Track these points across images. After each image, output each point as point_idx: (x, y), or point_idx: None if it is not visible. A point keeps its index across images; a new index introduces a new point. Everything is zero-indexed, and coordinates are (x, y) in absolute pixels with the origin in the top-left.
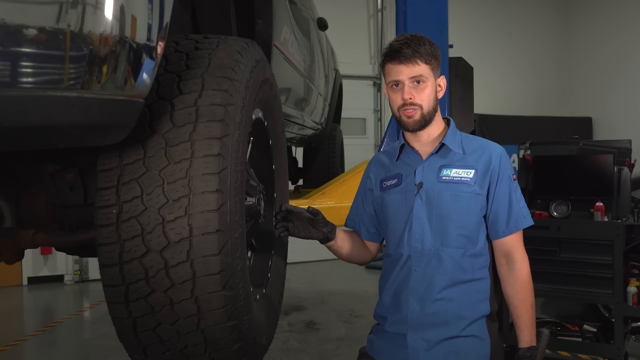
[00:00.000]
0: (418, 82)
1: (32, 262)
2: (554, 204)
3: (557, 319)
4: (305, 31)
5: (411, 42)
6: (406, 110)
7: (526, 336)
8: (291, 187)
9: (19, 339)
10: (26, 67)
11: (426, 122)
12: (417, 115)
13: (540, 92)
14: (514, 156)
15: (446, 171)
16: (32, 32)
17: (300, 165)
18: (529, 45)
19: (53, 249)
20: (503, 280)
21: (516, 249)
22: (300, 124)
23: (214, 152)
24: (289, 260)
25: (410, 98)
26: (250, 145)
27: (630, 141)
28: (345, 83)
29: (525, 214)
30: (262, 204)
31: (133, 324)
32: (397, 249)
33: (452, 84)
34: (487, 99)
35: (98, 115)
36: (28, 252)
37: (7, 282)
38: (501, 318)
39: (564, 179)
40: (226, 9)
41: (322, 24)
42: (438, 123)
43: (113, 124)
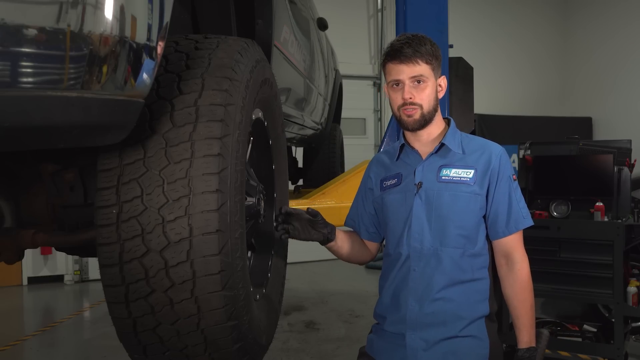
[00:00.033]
0: (418, 82)
1: (32, 262)
2: (554, 204)
3: (557, 319)
4: (305, 31)
5: (412, 42)
6: (406, 109)
7: (525, 337)
8: (291, 187)
9: (19, 339)
10: (26, 67)
11: (426, 121)
12: (417, 114)
13: (540, 92)
14: (514, 156)
15: (446, 171)
16: (32, 32)
17: (300, 165)
18: (529, 45)
19: (53, 249)
20: (503, 281)
21: (516, 249)
22: (300, 124)
23: (214, 152)
24: (289, 260)
25: (410, 98)
26: (250, 145)
27: (630, 141)
28: (345, 83)
29: (525, 215)
30: (262, 204)
31: (133, 324)
32: (397, 248)
33: (452, 84)
34: (487, 99)
35: (98, 115)
36: (28, 252)
37: (7, 282)
38: (501, 318)
39: (564, 179)
40: (226, 9)
41: (322, 24)
42: (438, 123)
43: (113, 124)
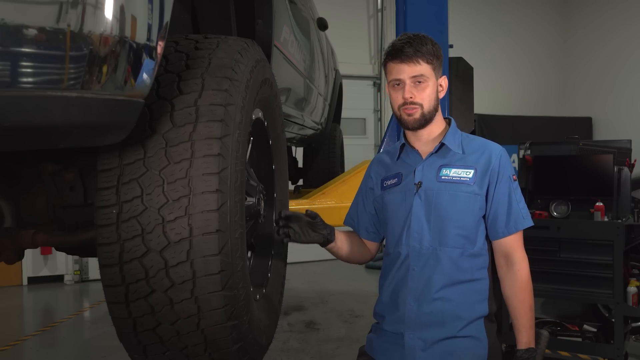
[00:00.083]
0: (419, 82)
1: (32, 262)
2: (554, 204)
3: (557, 319)
4: (305, 31)
5: (413, 42)
6: (407, 109)
7: (524, 338)
8: (291, 187)
9: (19, 339)
10: (26, 67)
11: (426, 121)
12: (417, 114)
13: (540, 92)
14: (514, 156)
15: (445, 171)
16: (32, 32)
17: (300, 165)
18: (529, 45)
19: (53, 249)
20: (502, 281)
21: (516, 249)
22: (300, 124)
23: (214, 152)
24: (289, 260)
25: (411, 97)
26: (250, 145)
27: (630, 141)
28: (345, 83)
29: (525, 215)
30: (262, 204)
31: (133, 324)
32: (396, 247)
33: (452, 84)
34: (487, 99)
35: (98, 115)
36: (28, 252)
37: (7, 282)
38: (500, 318)
39: (564, 179)
40: (226, 9)
41: (322, 24)
42: (439, 123)
43: (113, 124)
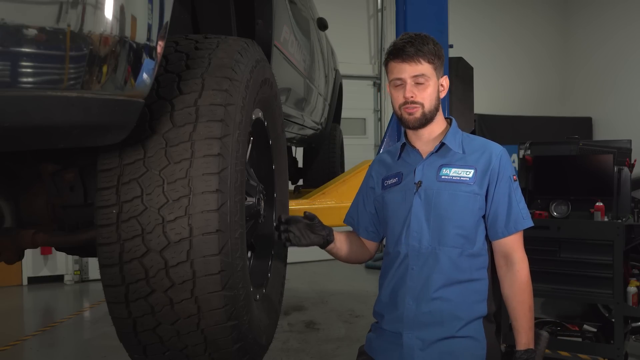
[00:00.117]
0: (420, 81)
1: (32, 262)
2: (554, 204)
3: (557, 319)
4: (305, 31)
5: (415, 41)
6: (407, 108)
7: (523, 338)
8: (291, 187)
9: (19, 339)
10: (26, 67)
11: (427, 120)
12: (418, 113)
13: (540, 92)
14: (514, 156)
15: (445, 170)
16: (32, 32)
17: (300, 165)
18: (529, 46)
19: (53, 249)
20: (502, 282)
21: (515, 250)
22: (300, 124)
23: (214, 152)
24: (289, 260)
25: (411, 96)
26: (250, 145)
27: (630, 141)
28: (345, 83)
29: (525, 215)
30: (262, 204)
31: (133, 324)
32: (396, 247)
33: (452, 84)
34: (487, 99)
35: (98, 115)
36: (28, 252)
37: (7, 282)
38: (502, 318)
39: (564, 179)
40: (226, 9)
41: (322, 24)
42: (439, 122)
43: (113, 124)
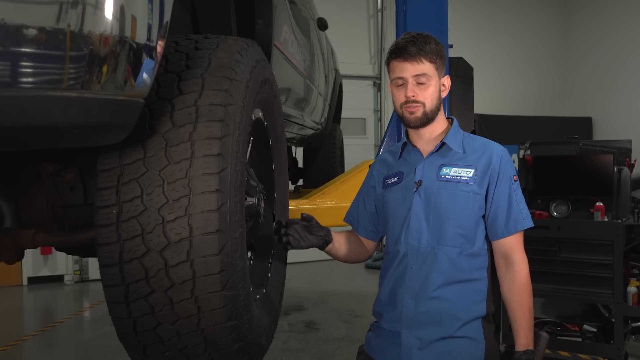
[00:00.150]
0: (422, 81)
1: (32, 262)
2: (554, 204)
3: (557, 319)
4: (305, 31)
5: (417, 40)
6: (409, 107)
7: (523, 339)
8: (291, 187)
9: (19, 339)
10: (26, 67)
11: (428, 119)
12: (419, 112)
13: (540, 92)
14: (514, 156)
15: (446, 170)
16: (32, 32)
17: (300, 165)
18: (529, 46)
19: (53, 249)
20: (501, 282)
21: (515, 250)
22: (300, 124)
23: (214, 152)
24: (289, 260)
25: (413, 96)
26: (250, 145)
27: (630, 141)
28: (345, 83)
29: (525, 216)
30: (262, 204)
31: (133, 324)
32: (395, 246)
33: (452, 83)
34: (487, 99)
35: (98, 115)
36: (28, 252)
37: (7, 282)
38: (503, 318)
39: (564, 179)
40: (226, 9)
41: (322, 24)
42: (441, 122)
43: (113, 124)
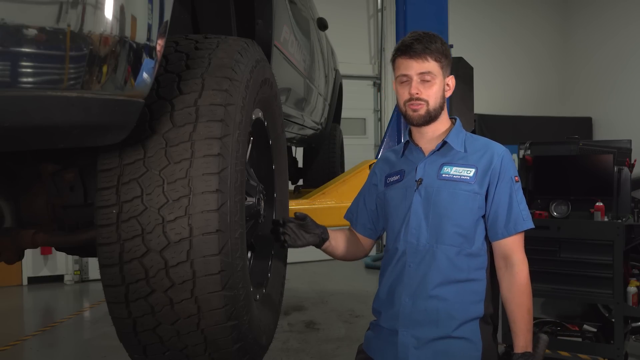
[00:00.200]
0: (426, 79)
1: (32, 262)
2: (554, 204)
3: (557, 319)
4: (305, 31)
5: (423, 39)
6: (412, 104)
7: (521, 341)
8: (291, 187)
9: (19, 339)
10: (26, 67)
11: (431, 118)
12: (422, 110)
13: (540, 92)
14: (514, 156)
15: (447, 169)
16: (32, 32)
17: (300, 165)
18: (529, 46)
19: (53, 249)
20: (501, 283)
21: (515, 251)
22: (300, 124)
23: (214, 152)
24: (289, 260)
25: (417, 93)
26: (250, 145)
27: (630, 141)
28: (345, 83)
29: (525, 217)
30: (262, 204)
31: (133, 324)
32: (395, 243)
33: None
34: (487, 99)
35: (98, 115)
36: (28, 252)
37: (7, 282)
38: (502, 319)
39: (564, 179)
40: (226, 9)
41: (322, 24)
42: (444, 121)
43: (113, 124)
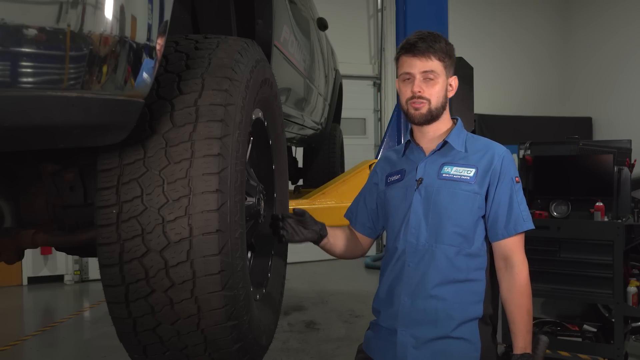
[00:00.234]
0: (429, 77)
1: (32, 262)
2: (554, 204)
3: (557, 319)
4: (305, 31)
5: (427, 38)
6: (414, 102)
7: (520, 342)
8: (291, 187)
9: (19, 339)
10: (26, 67)
11: (433, 117)
12: (424, 109)
13: (540, 92)
14: (514, 156)
15: (447, 168)
16: (32, 32)
17: (300, 165)
18: (529, 46)
19: (53, 249)
20: (500, 284)
21: (515, 252)
22: (300, 124)
23: (214, 152)
24: (289, 260)
25: (419, 91)
26: (250, 145)
27: (630, 141)
28: (345, 83)
29: (525, 218)
30: (262, 204)
31: (133, 324)
32: (394, 243)
33: None
34: (487, 99)
35: (98, 115)
36: (28, 252)
37: (7, 282)
38: (496, 321)
39: (564, 179)
40: (226, 9)
41: (322, 24)
42: (445, 121)
43: (113, 124)
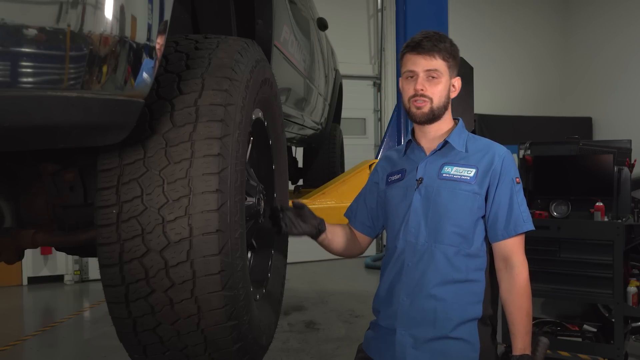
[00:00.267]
0: (433, 76)
1: (32, 262)
2: (554, 204)
3: (557, 319)
4: (305, 31)
5: (432, 37)
6: (416, 101)
7: (520, 344)
8: (291, 187)
9: (19, 339)
10: (26, 67)
11: (434, 116)
12: (426, 107)
13: (540, 92)
14: (514, 156)
15: (447, 168)
16: (32, 32)
17: (300, 165)
18: (530, 46)
19: (53, 249)
20: (500, 285)
21: (515, 253)
22: (300, 124)
23: (214, 152)
24: (289, 260)
25: (422, 89)
26: (250, 145)
27: (630, 141)
28: (345, 83)
29: (525, 219)
30: (262, 204)
31: (133, 324)
32: (394, 242)
33: None
34: (487, 99)
35: (98, 115)
36: (28, 252)
37: (7, 282)
38: (495, 322)
39: (564, 179)
40: (226, 9)
41: (322, 24)
42: (447, 121)
43: (113, 124)
